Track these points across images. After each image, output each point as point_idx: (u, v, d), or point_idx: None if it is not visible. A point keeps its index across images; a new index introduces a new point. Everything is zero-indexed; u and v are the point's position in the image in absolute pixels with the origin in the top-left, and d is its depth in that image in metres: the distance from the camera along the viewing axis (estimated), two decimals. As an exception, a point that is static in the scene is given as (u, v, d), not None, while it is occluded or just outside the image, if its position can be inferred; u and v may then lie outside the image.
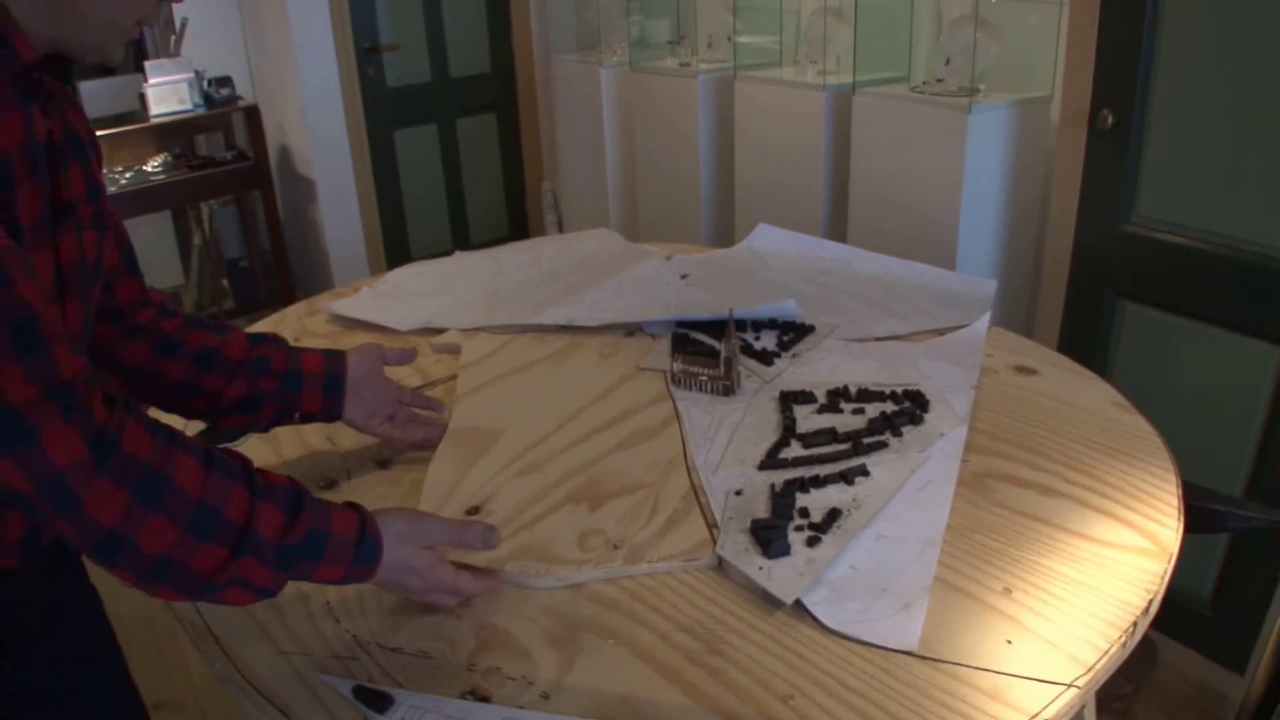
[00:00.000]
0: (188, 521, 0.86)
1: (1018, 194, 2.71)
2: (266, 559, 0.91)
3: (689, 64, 3.62)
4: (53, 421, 0.81)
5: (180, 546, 0.86)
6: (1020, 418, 1.42)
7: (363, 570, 0.99)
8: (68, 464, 0.81)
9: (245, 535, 0.89)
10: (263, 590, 0.93)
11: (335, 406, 1.35)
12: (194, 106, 4.32)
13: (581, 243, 2.32)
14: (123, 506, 0.83)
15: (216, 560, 0.88)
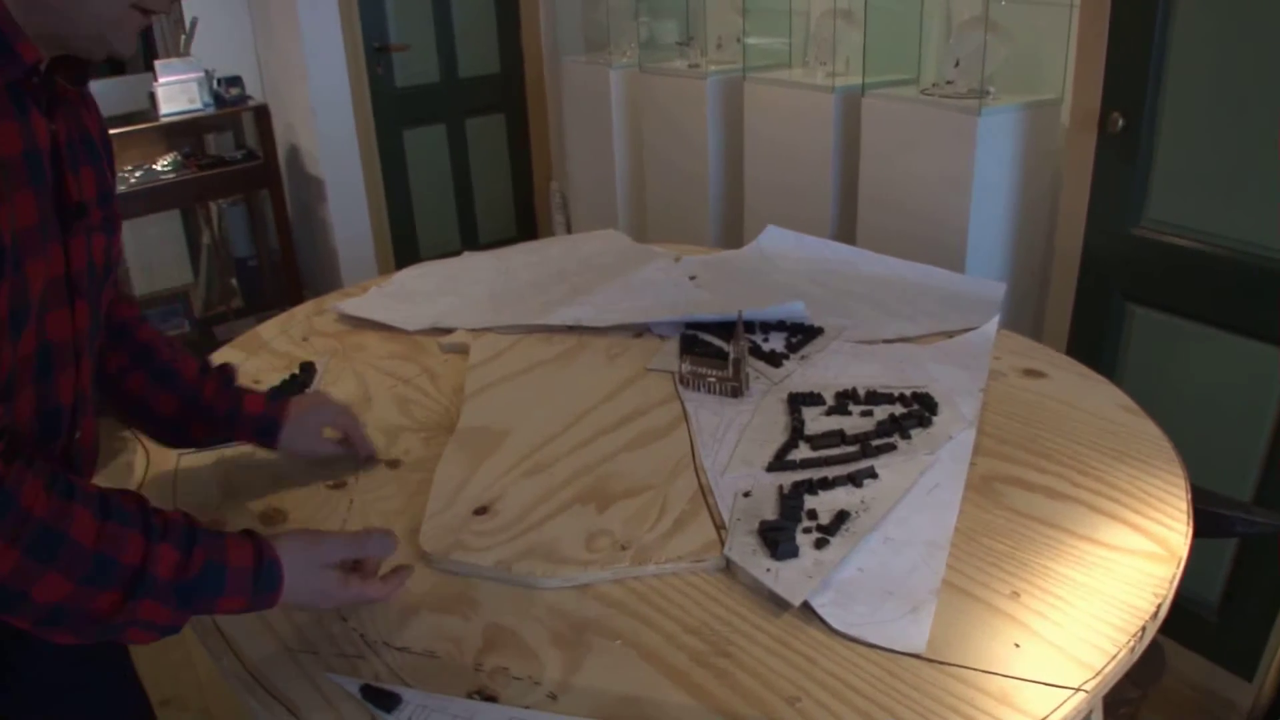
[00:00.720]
0: (83, 573, 0.85)
1: (1027, 196, 2.70)
2: (165, 598, 0.89)
3: (698, 65, 3.62)
4: None
5: (75, 596, 0.85)
6: (1028, 421, 1.42)
7: (266, 598, 0.97)
8: None
9: (141, 579, 0.88)
10: (165, 629, 0.92)
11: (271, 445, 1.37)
12: (204, 106, 4.32)
13: (589, 243, 2.32)
14: (14, 563, 0.82)
15: (112, 604, 0.87)
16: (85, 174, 1.06)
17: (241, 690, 1.01)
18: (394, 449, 1.44)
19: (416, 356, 1.78)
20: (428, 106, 4.79)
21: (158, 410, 1.32)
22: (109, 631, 0.89)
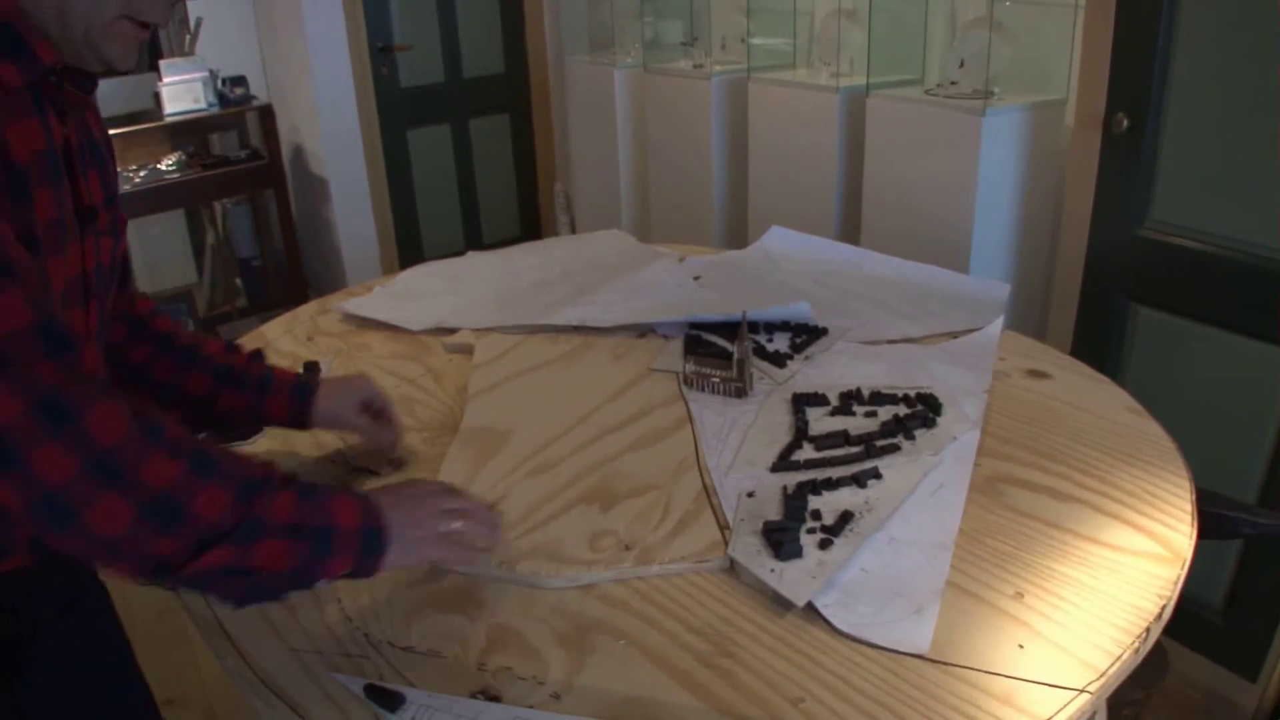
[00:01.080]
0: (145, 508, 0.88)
1: (1031, 197, 2.70)
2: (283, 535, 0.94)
3: (703, 65, 3.62)
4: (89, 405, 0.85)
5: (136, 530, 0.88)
6: (1033, 422, 1.41)
7: (371, 562, 1.01)
8: (115, 440, 0.85)
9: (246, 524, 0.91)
10: (264, 581, 0.94)
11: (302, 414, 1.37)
12: (208, 106, 4.33)
13: (594, 243, 2.32)
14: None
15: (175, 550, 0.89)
16: (93, 178, 1.08)
17: (246, 690, 1.01)
18: (398, 449, 1.44)
19: (420, 356, 1.78)
20: (432, 107, 4.79)
21: (190, 390, 1.32)
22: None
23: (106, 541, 0.86)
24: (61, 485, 0.83)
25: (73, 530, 0.85)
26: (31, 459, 0.82)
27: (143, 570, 0.89)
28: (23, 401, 0.82)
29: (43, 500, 0.84)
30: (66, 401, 0.84)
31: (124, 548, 0.87)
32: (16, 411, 0.81)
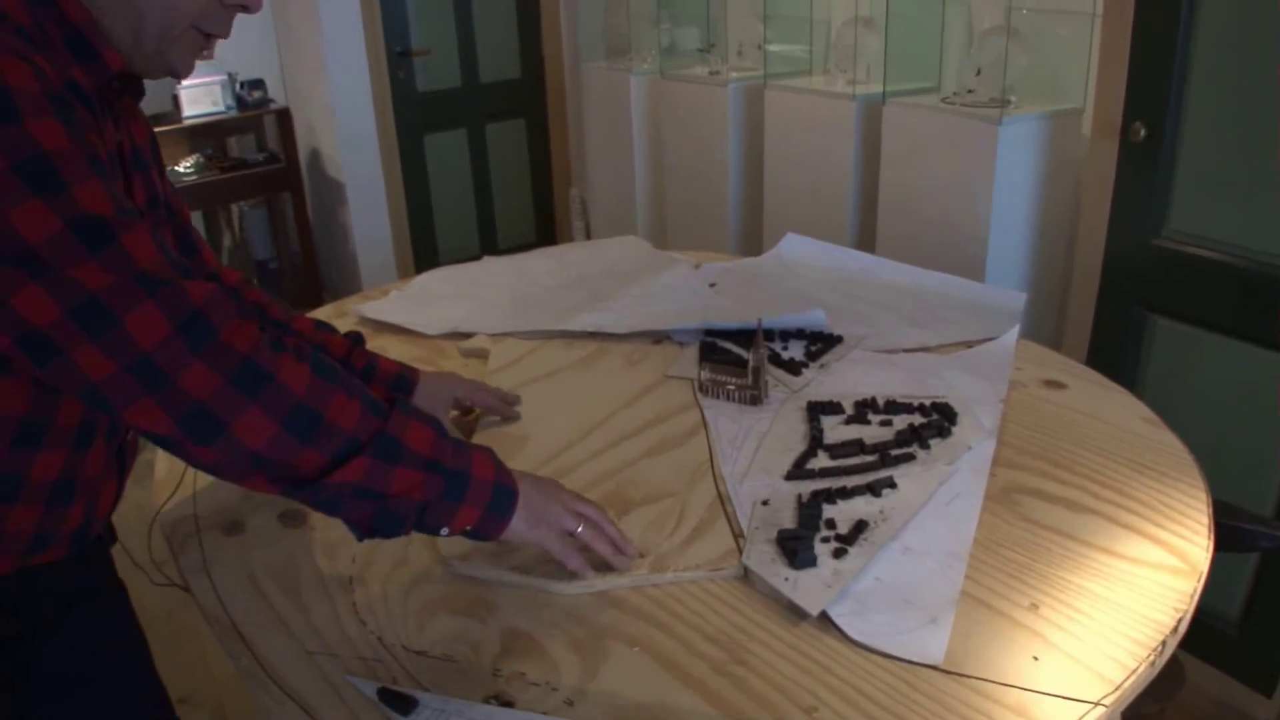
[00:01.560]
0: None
1: (1048, 206, 2.70)
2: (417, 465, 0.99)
3: (719, 72, 3.62)
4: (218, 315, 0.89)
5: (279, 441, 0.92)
6: (1048, 432, 1.41)
7: (496, 521, 1.05)
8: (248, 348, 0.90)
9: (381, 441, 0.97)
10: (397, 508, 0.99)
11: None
12: (226, 109, 4.35)
13: (609, 249, 2.32)
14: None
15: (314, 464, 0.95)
16: (138, 183, 1.12)
17: (258, 690, 1.01)
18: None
19: (437, 360, 1.78)
20: (449, 111, 4.80)
21: None
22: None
23: (252, 453, 0.91)
24: (210, 398, 0.88)
25: (221, 443, 0.90)
26: (180, 377, 0.87)
27: (284, 483, 0.94)
28: (171, 323, 0.86)
29: (193, 414, 0.88)
30: (206, 317, 0.88)
31: (268, 459, 0.92)
32: (166, 332, 0.86)
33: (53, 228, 0.83)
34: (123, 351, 0.85)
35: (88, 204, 0.85)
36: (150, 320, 0.86)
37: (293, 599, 1.13)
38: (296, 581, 1.16)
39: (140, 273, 0.86)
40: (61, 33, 0.96)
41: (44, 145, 0.83)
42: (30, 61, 0.85)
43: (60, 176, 0.84)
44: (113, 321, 0.85)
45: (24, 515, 1.03)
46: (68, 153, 0.85)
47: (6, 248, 0.82)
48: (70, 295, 0.84)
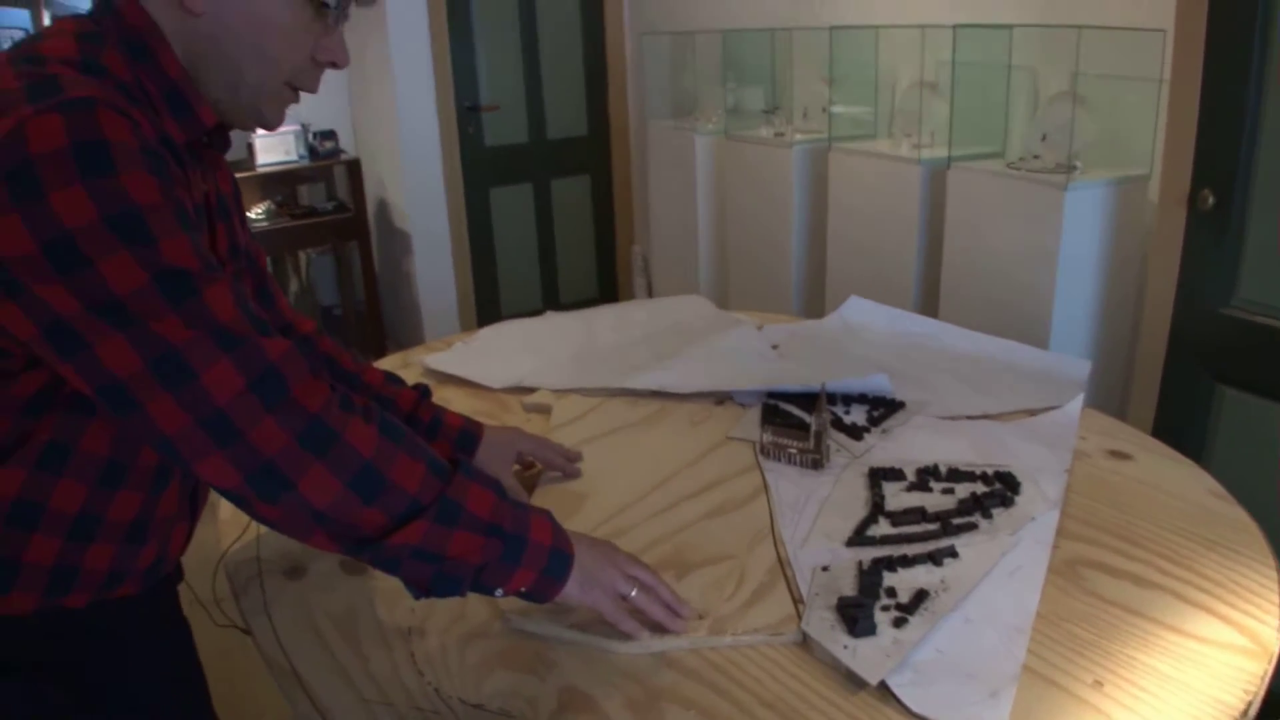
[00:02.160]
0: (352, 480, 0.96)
1: (1114, 273, 2.68)
2: (478, 529, 1.01)
3: (784, 134, 3.64)
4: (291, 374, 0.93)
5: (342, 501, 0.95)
6: (1113, 504, 1.39)
7: (550, 585, 1.07)
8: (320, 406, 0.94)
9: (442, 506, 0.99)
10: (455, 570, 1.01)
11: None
12: (299, 158, 4.46)
13: (673, 308, 2.34)
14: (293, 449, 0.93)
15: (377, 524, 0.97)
16: (220, 231, 1.16)
17: (317, 737, 1.02)
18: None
19: (500, 414, 1.80)
20: (515, 166, 4.87)
21: None
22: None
23: (316, 511, 0.93)
24: (278, 456, 0.90)
25: (285, 500, 0.93)
26: (250, 434, 0.90)
27: (345, 542, 0.97)
28: (245, 379, 0.90)
29: (260, 471, 0.91)
30: (280, 374, 0.92)
31: (331, 518, 0.94)
32: (238, 389, 0.89)
33: (139, 280, 0.87)
34: (198, 405, 0.88)
35: (173, 258, 0.88)
36: (226, 376, 0.89)
37: (352, 646, 1.14)
38: (356, 629, 1.18)
39: (219, 328, 0.89)
40: (159, 88, 1.01)
41: (136, 199, 0.87)
42: (129, 116, 0.89)
43: (149, 230, 0.87)
44: (190, 375, 0.88)
45: (101, 552, 1.06)
46: (158, 207, 0.88)
47: (95, 297, 0.86)
48: (152, 348, 0.87)
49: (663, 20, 4.64)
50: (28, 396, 0.96)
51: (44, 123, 0.85)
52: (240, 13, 1.02)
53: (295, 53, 1.06)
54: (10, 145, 0.85)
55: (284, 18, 1.03)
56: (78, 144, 0.85)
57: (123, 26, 1.01)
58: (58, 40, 0.97)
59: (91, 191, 0.85)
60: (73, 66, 0.94)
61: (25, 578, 1.02)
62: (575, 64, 4.90)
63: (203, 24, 1.02)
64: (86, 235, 0.85)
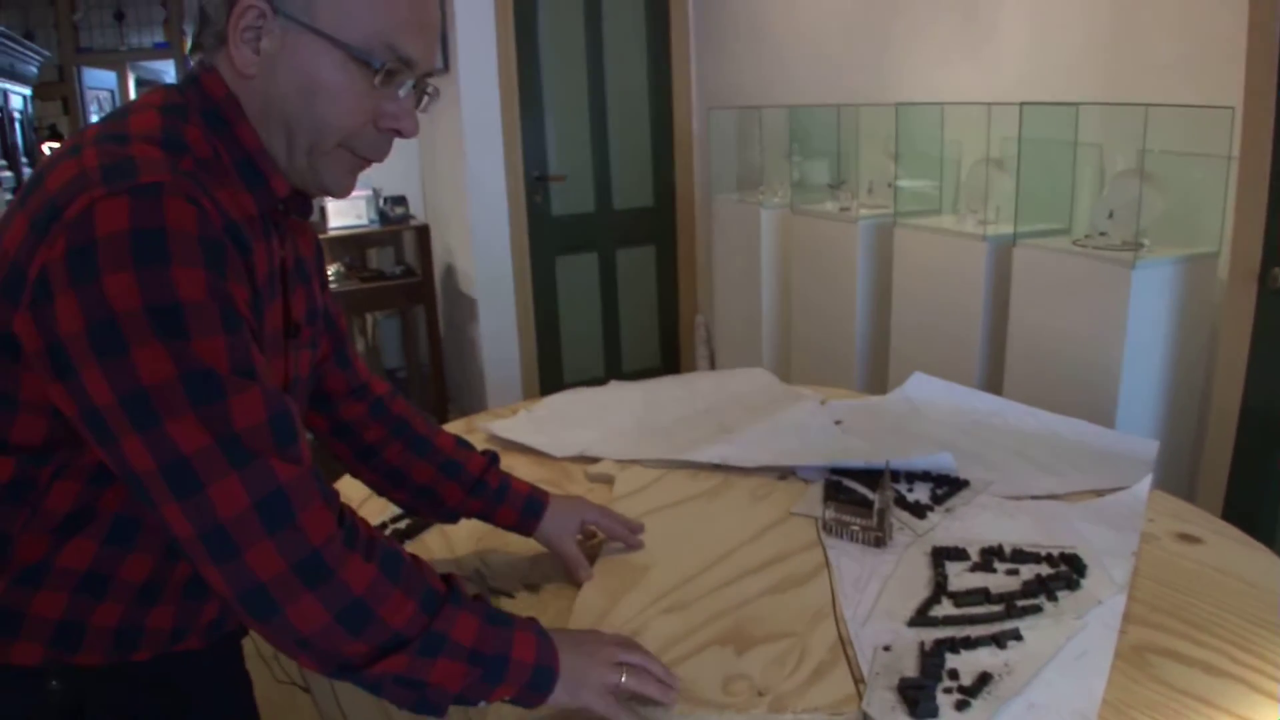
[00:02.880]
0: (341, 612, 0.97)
1: (1182, 352, 2.65)
2: (459, 657, 1.02)
3: (849, 209, 3.66)
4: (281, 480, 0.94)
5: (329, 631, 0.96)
6: (1182, 589, 1.37)
7: (534, 698, 1.08)
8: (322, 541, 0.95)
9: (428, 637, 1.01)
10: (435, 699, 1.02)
11: (529, 527, 1.48)
12: (369, 222, 4.56)
13: (736, 381, 2.35)
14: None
15: (362, 655, 0.98)
16: (299, 294, 1.19)
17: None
18: (535, 574, 1.48)
19: (563, 483, 1.81)
20: (581, 235, 4.93)
21: (415, 478, 1.44)
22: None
23: (300, 638, 0.95)
24: (271, 581, 0.92)
25: (273, 623, 0.94)
26: (247, 554, 0.91)
27: (327, 666, 0.98)
28: (250, 498, 0.91)
29: (252, 592, 0.92)
30: (287, 498, 0.93)
31: (316, 645, 0.95)
32: (242, 507, 0.91)
33: (167, 373, 0.89)
34: (202, 516, 0.90)
35: (206, 356, 0.91)
36: (233, 492, 0.91)
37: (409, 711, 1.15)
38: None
39: (234, 439, 0.91)
40: (234, 159, 1.05)
41: (180, 294, 0.89)
42: (196, 203, 0.92)
43: (185, 326, 0.90)
44: (197, 486, 0.90)
45: (164, 612, 1.10)
46: (201, 305, 0.91)
47: (125, 385, 0.88)
48: (165, 453, 0.90)
49: (729, 95, 4.70)
50: (94, 465, 0.99)
51: (112, 205, 0.89)
52: (289, 74, 1.04)
53: (349, 116, 1.07)
54: (80, 225, 0.88)
55: (334, 79, 1.04)
56: (138, 230, 0.88)
57: (204, 98, 1.05)
58: (144, 115, 1.01)
59: (140, 279, 0.88)
60: (155, 144, 0.97)
61: (92, 638, 1.06)
62: (643, 136, 4.97)
63: (257, 85, 1.05)
64: (127, 321, 0.88)
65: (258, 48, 1.03)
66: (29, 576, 1.02)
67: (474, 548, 1.57)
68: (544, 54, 4.65)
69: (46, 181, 0.95)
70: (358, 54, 1.03)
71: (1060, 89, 3.00)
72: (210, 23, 1.04)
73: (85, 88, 8.29)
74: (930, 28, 3.51)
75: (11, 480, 1.00)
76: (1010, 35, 3.18)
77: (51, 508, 1.01)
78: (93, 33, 8.41)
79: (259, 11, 1.01)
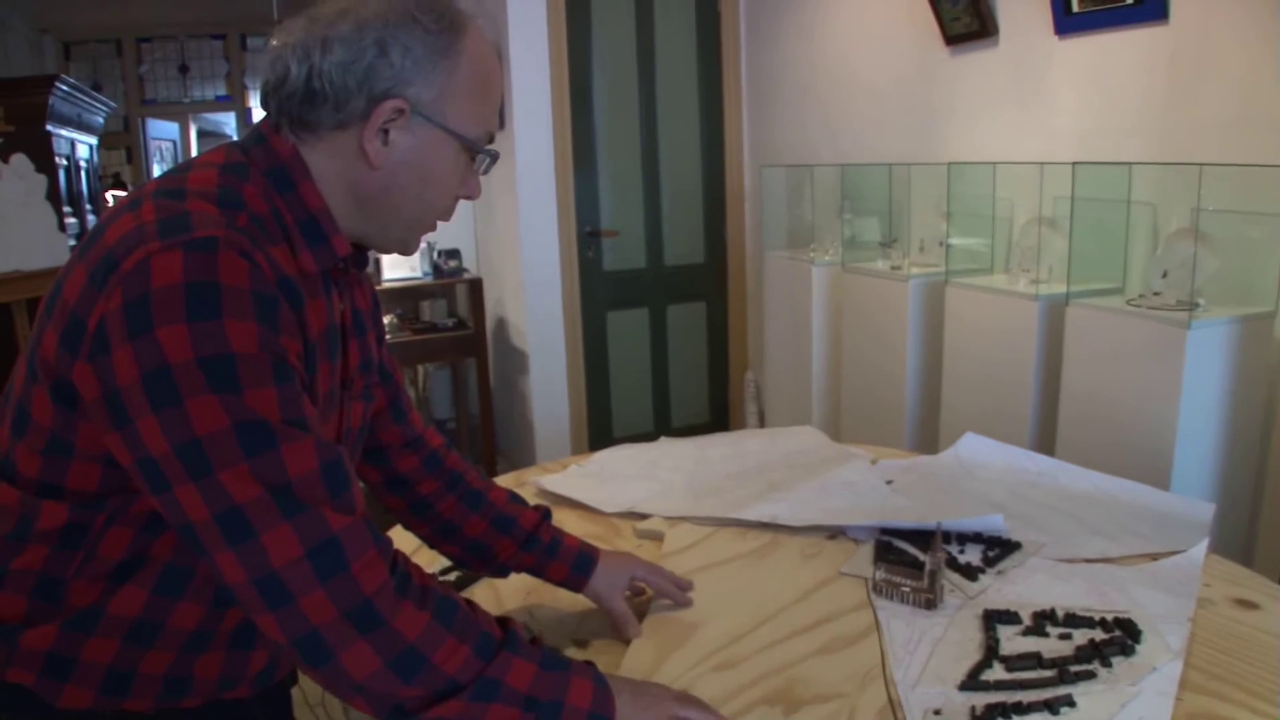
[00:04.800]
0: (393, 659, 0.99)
1: (1239, 413, 2.62)
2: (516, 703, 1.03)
3: (900, 267, 3.66)
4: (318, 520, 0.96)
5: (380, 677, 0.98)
6: (1240, 656, 1.35)
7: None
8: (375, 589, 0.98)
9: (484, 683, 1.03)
10: None
11: (579, 583, 1.49)
12: (423, 275, 4.62)
13: (787, 439, 2.35)
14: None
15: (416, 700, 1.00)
16: (353, 347, 1.22)
17: None
18: (584, 629, 1.48)
19: (612, 539, 1.82)
20: (633, 290, 4.96)
21: (468, 532, 1.46)
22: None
23: (354, 683, 0.97)
24: (323, 627, 0.94)
25: (326, 668, 0.96)
26: (301, 602, 0.94)
27: (381, 710, 0.99)
28: (304, 547, 0.94)
29: (305, 637, 0.95)
30: (340, 547, 0.95)
31: (370, 690, 0.97)
32: (295, 555, 0.93)
33: (221, 424, 0.92)
34: (255, 564, 0.93)
35: (258, 407, 0.93)
36: (285, 540, 0.93)
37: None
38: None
39: (287, 488, 0.94)
40: (296, 218, 1.08)
41: (233, 346, 0.92)
42: (249, 257, 0.95)
43: (238, 378, 0.92)
44: (250, 534, 0.92)
45: (212, 661, 1.12)
46: (252, 357, 0.94)
47: (180, 435, 0.91)
48: (219, 501, 0.92)
49: (780, 152, 4.73)
50: (147, 513, 1.02)
51: (167, 259, 0.92)
52: (413, 167, 1.11)
53: (448, 196, 1.16)
54: (136, 278, 0.92)
55: (448, 167, 1.13)
56: (191, 284, 0.92)
57: (271, 157, 1.09)
58: (203, 172, 1.06)
59: (194, 332, 0.91)
60: (210, 200, 1.01)
61: (141, 684, 1.08)
62: (694, 193, 5.00)
63: (378, 175, 1.11)
64: (181, 372, 0.91)
65: (387, 140, 1.09)
66: (81, 622, 1.05)
67: (522, 602, 1.58)
68: (598, 110, 4.72)
69: (106, 234, 0.98)
70: (473, 147, 1.14)
71: (1113, 147, 3.00)
72: (335, 106, 1.08)
73: (149, 138, 8.53)
74: (982, 87, 3.52)
75: (66, 525, 1.02)
76: (1062, 94, 3.18)
77: (104, 554, 1.04)
78: (157, 85, 8.67)
79: (399, 109, 1.08)
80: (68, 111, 5.45)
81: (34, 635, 1.04)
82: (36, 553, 1.03)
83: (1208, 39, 2.68)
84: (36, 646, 1.04)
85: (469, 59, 1.11)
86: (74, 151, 5.64)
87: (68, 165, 5.45)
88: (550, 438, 4.77)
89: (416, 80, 1.08)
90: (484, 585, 1.63)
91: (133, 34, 8.46)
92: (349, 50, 1.06)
